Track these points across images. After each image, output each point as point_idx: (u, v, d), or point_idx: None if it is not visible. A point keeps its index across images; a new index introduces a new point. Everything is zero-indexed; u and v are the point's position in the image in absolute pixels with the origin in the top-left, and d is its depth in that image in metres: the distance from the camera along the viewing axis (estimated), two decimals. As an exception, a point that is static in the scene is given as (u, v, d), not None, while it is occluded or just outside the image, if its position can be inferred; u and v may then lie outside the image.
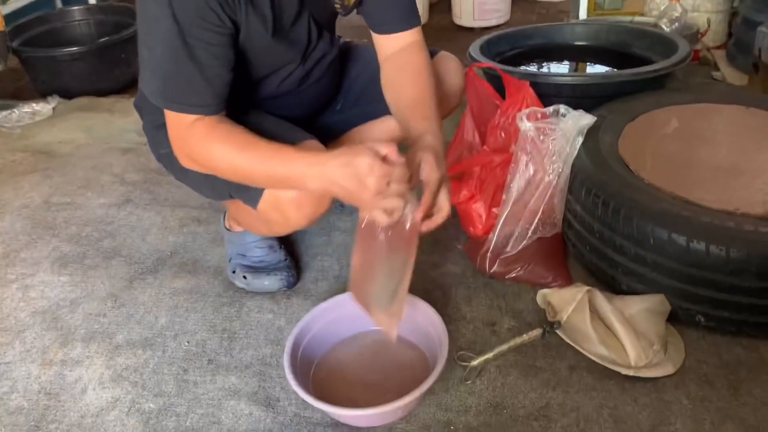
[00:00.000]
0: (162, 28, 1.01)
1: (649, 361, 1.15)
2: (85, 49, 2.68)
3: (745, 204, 1.21)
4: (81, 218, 1.80)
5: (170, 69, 1.05)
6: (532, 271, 1.40)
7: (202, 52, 1.04)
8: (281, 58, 1.22)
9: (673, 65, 1.70)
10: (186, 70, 1.04)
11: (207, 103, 1.08)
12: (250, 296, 1.43)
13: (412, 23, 1.26)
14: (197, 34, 1.02)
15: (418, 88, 1.22)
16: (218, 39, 1.05)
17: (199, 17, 1.01)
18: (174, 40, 1.02)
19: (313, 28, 1.23)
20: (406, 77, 1.24)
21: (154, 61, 1.06)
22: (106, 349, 1.33)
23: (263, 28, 1.11)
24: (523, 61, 2.09)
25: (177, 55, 1.03)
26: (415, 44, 1.27)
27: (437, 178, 1.06)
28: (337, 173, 0.99)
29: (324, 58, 1.30)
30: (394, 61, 1.27)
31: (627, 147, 1.41)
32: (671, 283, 1.21)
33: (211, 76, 1.06)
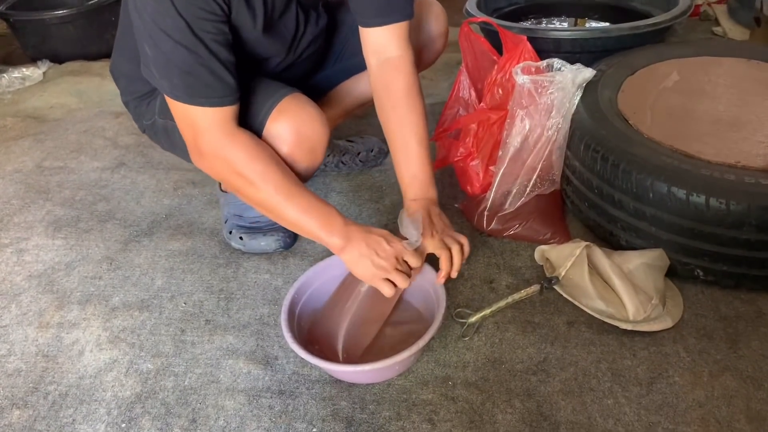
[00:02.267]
0: (168, 24, 0.98)
1: (647, 315, 1.15)
2: (75, 11, 2.63)
3: (746, 157, 1.20)
4: (74, 182, 1.78)
5: (189, 63, 1.01)
6: (530, 228, 1.39)
7: (213, 43, 1.01)
8: (268, 50, 1.19)
9: (672, 18, 1.66)
10: (206, 63, 1.01)
11: (231, 93, 1.06)
12: (247, 257, 1.43)
13: (387, 20, 1.19)
14: (202, 26, 1.00)
15: (399, 129, 1.22)
16: (221, 27, 1.03)
17: (201, 9, 0.99)
18: (185, 35, 0.98)
19: (300, 16, 1.20)
20: (389, 115, 1.23)
21: (163, 59, 1.01)
22: (103, 312, 1.32)
23: (251, 22, 1.08)
24: (520, 17, 2.05)
25: (193, 49, 1.00)
26: (395, 64, 1.21)
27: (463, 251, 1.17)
28: (361, 235, 1.08)
29: (314, 41, 1.28)
30: (375, 81, 1.24)
31: (626, 101, 1.39)
32: (670, 238, 1.20)
33: (227, 64, 1.04)
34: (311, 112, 1.16)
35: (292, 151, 1.14)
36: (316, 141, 1.16)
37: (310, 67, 1.38)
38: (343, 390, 1.11)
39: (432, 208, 1.20)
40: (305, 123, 1.14)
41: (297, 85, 1.24)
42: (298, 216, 1.09)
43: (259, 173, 1.07)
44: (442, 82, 2.13)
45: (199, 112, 1.05)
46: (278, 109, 1.13)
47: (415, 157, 1.22)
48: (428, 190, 1.22)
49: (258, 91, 1.17)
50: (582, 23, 2.10)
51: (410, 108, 1.22)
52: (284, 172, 1.10)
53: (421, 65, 1.50)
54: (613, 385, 1.07)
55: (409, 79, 1.22)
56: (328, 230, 1.09)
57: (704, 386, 1.05)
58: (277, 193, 1.08)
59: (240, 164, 1.07)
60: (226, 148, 1.07)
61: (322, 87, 1.47)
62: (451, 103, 1.62)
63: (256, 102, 1.15)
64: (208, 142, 1.07)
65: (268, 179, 1.08)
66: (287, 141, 1.13)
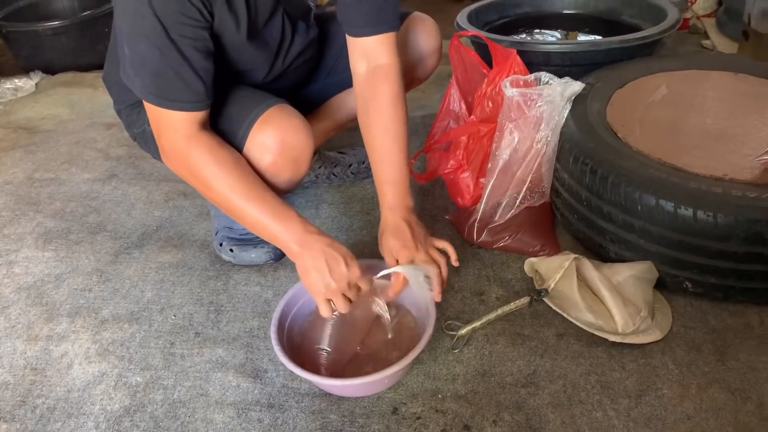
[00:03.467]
0: (146, 25, 0.98)
1: (636, 327, 1.15)
2: (68, 23, 2.63)
3: (733, 170, 1.20)
4: (65, 194, 1.78)
5: (159, 66, 1.02)
6: (519, 240, 1.40)
7: (188, 48, 1.02)
8: (253, 59, 1.19)
9: (661, 32, 1.68)
10: (176, 67, 1.02)
11: (200, 99, 1.06)
12: (237, 269, 1.42)
13: (377, 30, 1.20)
14: (181, 30, 1.00)
15: (383, 137, 1.22)
16: (201, 33, 1.03)
17: (181, 13, 0.99)
18: (160, 38, 0.99)
19: (287, 25, 1.20)
20: (373, 121, 1.23)
21: (138, 59, 1.02)
22: (92, 324, 1.32)
23: (234, 26, 1.09)
24: (512, 30, 2.07)
25: (165, 52, 1.00)
26: (385, 71, 1.22)
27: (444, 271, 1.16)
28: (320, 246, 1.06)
29: (303, 53, 1.28)
30: (362, 88, 1.24)
31: (615, 114, 1.40)
32: (659, 250, 1.20)
33: (199, 70, 1.04)
34: (296, 123, 1.16)
35: (275, 161, 1.14)
36: (300, 151, 1.16)
37: (300, 80, 1.38)
38: (332, 403, 1.10)
39: (411, 217, 1.20)
40: (289, 133, 1.14)
41: (287, 97, 1.24)
42: (257, 217, 1.08)
43: (218, 174, 1.07)
44: (434, 94, 2.14)
45: (164, 112, 1.06)
46: (263, 118, 1.13)
47: (398, 164, 1.21)
48: (407, 198, 1.21)
49: (244, 100, 1.17)
50: (573, 36, 2.12)
51: (396, 116, 1.22)
52: (245, 173, 1.09)
53: (415, 81, 1.51)
54: (602, 398, 1.07)
55: (397, 87, 1.23)
56: (286, 234, 1.07)
57: (693, 398, 1.05)
58: (236, 194, 1.07)
59: (199, 164, 1.07)
60: (186, 148, 1.07)
61: (315, 100, 1.47)
62: (441, 116, 1.63)
63: (241, 111, 1.15)
64: (169, 141, 1.08)
65: (228, 180, 1.07)
66: (271, 150, 1.13)
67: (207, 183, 1.08)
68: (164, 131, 1.08)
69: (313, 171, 1.67)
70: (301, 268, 1.08)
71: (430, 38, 1.43)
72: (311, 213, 1.59)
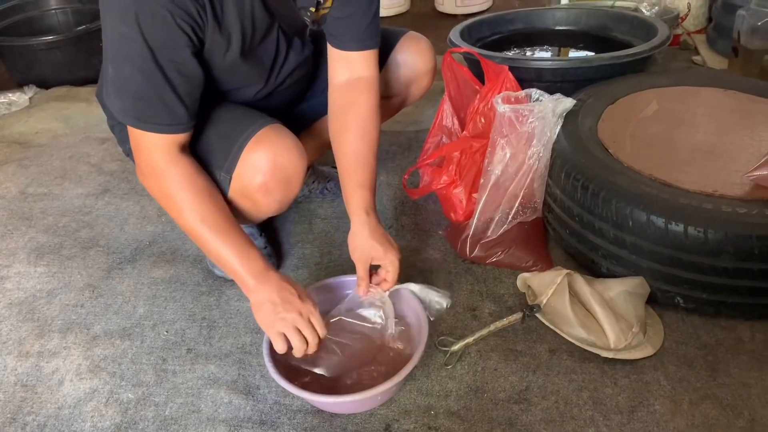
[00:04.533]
0: (132, 48, 0.98)
1: (628, 343, 1.16)
2: (62, 37, 2.64)
3: (723, 185, 1.21)
4: (58, 209, 1.78)
5: (142, 90, 1.02)
6: (512, 255, 1.40)
7: (173, 72, 1.02)
8: (247, 76, 1.20)
9: (652, 48, 1.69)
10: (159, 92, 1.02)
11: (181, 122, 1.07)
12: (230, 285, 1.42)
13: (364, 45, 1.23)
14: (167, 54, 1.00)
15: (360, 143, 1.23)
16: (187, 58, 1.03)
17: (169, 37, 0.99)
18: (146, 62, 0.99)
19: (282, 41, 1.21)
20: (351, 125, 1.24)
21: (122, 80, 1.03)
22: (84, 340, 1.31)
23: (226, 47, 1.09)
24: (504, 46, 2.08)
25: (149, 76, 1.00)
26: (367, 82, 1.25)
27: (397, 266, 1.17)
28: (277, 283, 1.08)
29: (297, 69, 1.29)
30: (342, 95, 1.26)
31: (606, 130, 1.41)
32: (650, 266, 1.21)
33: (182, 95, 1.05)
34: (289, 143, 1.16)
35: (267, 181, 1.14)
36: (293, 172, 1.17)
37: (294, 97, 1.39)
38: (324, 420, 1.10)
39: (378, 221, 1.20)
40: (281, 153, 1.15)
41: (281, 115, 1.25)
42: (221, 250, 1.09)
43: (189, 201, 1.08)
44: (427, 109, 2.15)
45: (143, 133, 1.06)
46: (256, 138, 1.14)
47: (372, 169, 1.22)
48: (373, 201, 1.22)
49: (237, 119, 1.18)
50: (565, 53, 2.13)
51: (373, 125, 1.24)
52: (216, 204, 1.10)
53: (409, 99, 1.53)
54: (595, 414, 1.07)
55: (377, 99, 1.26)
56: (245, 269, 1.08)
57: (684, 414, 1.05)
58: (204, 224, 1.08)
59: (173, 189, 1.08)
60: (162, 170, 1.08)
61: (309, 117, 1.48)
62: (434, 131, 1.64)
63: (234, 130, 1.15)
64: (146, 162, 1.09)
65: (199, 209, 1.08)
66: (263, 170, 1.14)
67: (178, 208, 1.09)
68: (143, 151, 1.08)
69: (307, 186, 1.67)
70: (255, 303, 1.09)
71: (424, 58, 1.45)
72: (304, 228, 1.60)
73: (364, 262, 1.18)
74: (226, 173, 1.15)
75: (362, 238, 1.18)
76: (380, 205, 1.67)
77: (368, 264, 1.18)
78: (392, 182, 1.76)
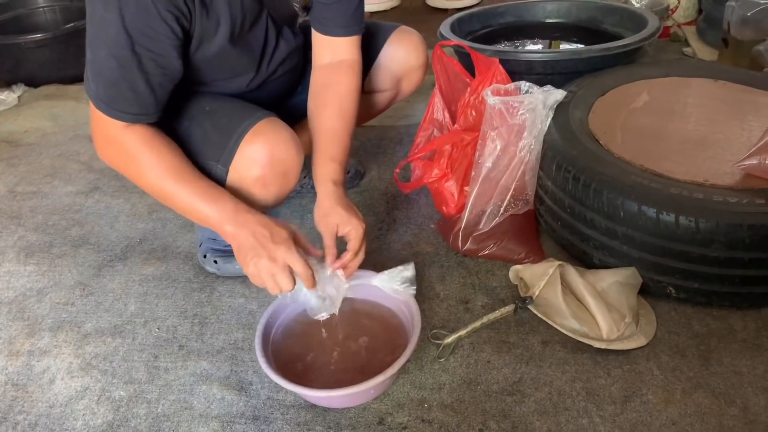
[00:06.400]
0: (110, 33, 0.97)
1: (621, 333, 1.16)
2: (51, 35, 2.62)
3: (714, 175, 1.21)
4: (47, 207, 1.77)
5: (115, 76, 1.01)
6: (504, 247, 1.40)
7: (149, 62, 1.01)
8: (238, 65, 1.20)
9: (642, 40, 1.69)
10: (131, 80, 1.02)
11: (148, 112, 1.07)
12: (221, 281, 1.42)
13: (349, 31, 1.25)
14: (146, 43, 0.99)
15: (337, 120, 1.24)
16: (167, 50, 1.02)
17: (150, 27, 0.98)
18: (122, 49, 0.98)
19: (271, 29, 1.21)
20: (330, 102, 1.25)
21: (97, 65, 1.02)
22: (75, 338, 1.30)
23: (214, 32, 1.08)
24: (495, 40, 2.08)
25: (123, 63, 1.00)
26: (349, 64, 1.27)
27: (361, 232, 1.14)
28: (252, 226, 1.04)
29: (288, 59, 1.29)
30: (324, 75, 1.27)
31: (597, 122, 1.41)
32: (642, 256, 1.21)
33: (155, 85, 1.04)
34: (286, 136, 1.16)
35: (264, 174, 1.14)
36: (290, 165, 1.16)
37: (286, 89, 1.38)
38: (318, 415, 1.10)
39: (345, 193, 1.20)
40: (279, 146, 1.14)
41: (274, 108, 1.24)
42: (189, 201, 1.08)
43: (149, 157, 1.07)
44: (418, 103, 2.15)
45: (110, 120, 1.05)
46: (253, 131, 1.13)
47: (346, 146, 1.23)
48: (344, 175, 1.22)
49: (234, 112, 1.17)
50: (556, 45, 2.13)
51: (352, 105, 1.26)
52: (177, 157, 1.09)
53: (400, 94, 1.53)
54: (588, 404, 1.07)
55: (358, 81, 1.27)
56: (218, 215, 1.07)
57: (677, 404, 1.05)
58: (168, 178, 1.07)
59: (133, 149, 1.07)
60: (121, 135, 1.07)
61: (302, 111, 1.47)
62: (425, 125, 1.63)
63: (231, 123, 1.15)
64: (104, 135, 1.08)
65: (160, 165, 1.07)
66: (260, 163, 1.13)
67: (140, 169, 1.08)
68: (102, 126, 1.08)
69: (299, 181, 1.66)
70: (234, 249, 1.07)
71: (416, 53, 1.46)
72: (296, 223, 1.59)
73: (330, 230, 1.15)
74: (222, 166, 1.14)
75: (327, 205, 1.16)
76: (372, 199, 1.67)
77: (334, 232, 1.15)
78: (384, 176, 1.76)
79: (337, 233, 1.15)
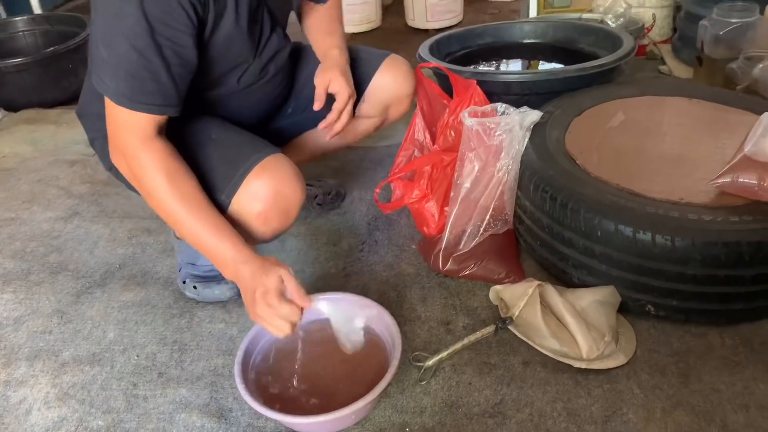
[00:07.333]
0: (128, 24, 0.98)
1: (600, 352, 1.16)
2: (31, 59, 2.60)
3: (689, 193, 1.23)
4: (26, 233, 1.75)
5: (136, 68, 1.02)
6: (485, 267, 1.40)
7: (170, 51, 1.03)
8: (240, 52, 1.21)
9: (617, 60, 1.72)
10: (153, 70, 1.02)
11: (172, 103, 1.07)
12: (201, 306, 1.41)
13: None
14: (165, 32, 1.01)
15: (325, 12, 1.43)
16: (185, 39, 1.04)
17: (169, 15, 1.00)
18: (142, 38, 0.99)
19: (266, 20, 1.23)
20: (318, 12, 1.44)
21: (115, 59, 1.02)
22: (52, 367, 1.28)
23: (224, 19, 1.10)
24: (474, 60, 2.10)
25: (145, 53, 1.01)
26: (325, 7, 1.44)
27: (347, 94, 1.32)
28: (246, 277, 1.05)
29: (278, 54, 1.30)
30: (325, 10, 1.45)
31: (573, 141, 1.42)
32: (620, 274, 1.22)
33: (176, 75, 1.05)
34: (292, 174, 1.17)
35: (266, 210, 1.14)
36: (293, 202, 1.17)
37: (271, 102, 1.39)
38: (298, 441, 1.09)
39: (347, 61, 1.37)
40: (285, 183, 1.16)
41: (260, 128, 1.29)
42: (197, 232, 1.08)
43: (164, 180, 1.06)
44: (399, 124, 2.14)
45: (126, 112, 1.05)
46: (261, 165, 1.14)
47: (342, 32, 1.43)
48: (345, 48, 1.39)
49: (242, 145, 1.19)
50: (535, 65, 2.16)
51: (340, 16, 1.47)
52: (191, 184, 1.09)
53: (387, 121, 1.56)
54: (569, 425, 1.07)
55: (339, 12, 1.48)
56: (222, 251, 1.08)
57: (657, 422, 1.05)
58: (180, 203, 1.07)
59: (148, 167, 1.07)
60: (139, 150, 1.07)
61: (288, 133, 1.50)
62: (406, 145, 1.65)
63: (238, 156, 1.16)
64: (123, 140, 1.08)
65: (173, 189, 1.07)
66: (263, 199, 1.14)
67: (153, 189, 1.08)
68: (121, 130, 1.07)
69: None
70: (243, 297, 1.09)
71: (405, 83, 1.48)
72: (276, 245, 1.58)
73: (323, 84, 1.32)
74: (226, 197, 1.15)
75: (328, 66, 1.34)
76: (353, 220, 1.67)
77: (326, 86, 1.32)
78: (364, 197, 1.76)
79: (328, 89, 1.32)
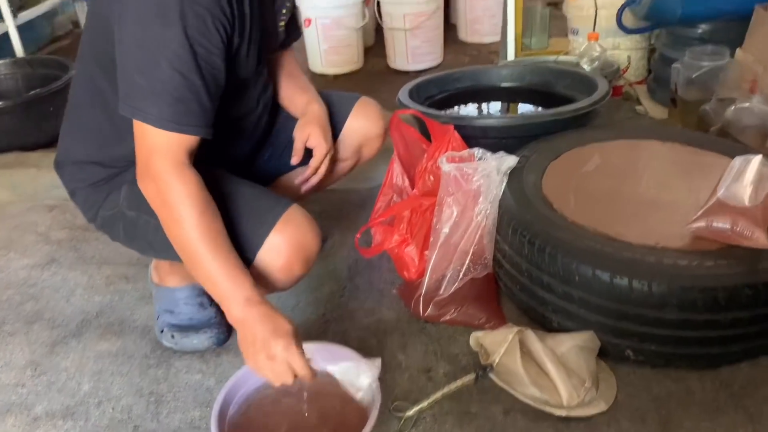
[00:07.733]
0: (171, 48, 1.01)
1: (581, 399, 1.15)
2: (12, 103, 2.60)
3: (665, 238, 1.24)
4: (2, 281, 1.72)
5: (180, 92, 1.04)
6: (465, 312, 1.40)
7: (207, 73, 1.06)
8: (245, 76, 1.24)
9: (591, 104, 1.74)
10: (197, 91, 1.05)
11: (209, 124, 1.10)
12: (179, 356, 1.38)
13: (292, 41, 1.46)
14: (204, 55, 1.04)
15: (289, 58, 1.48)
16: (218, 61, 1.08)
17: (206, 38, 1.03)
18: (186, 62, 1.02)
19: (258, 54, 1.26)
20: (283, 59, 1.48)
21: (159, 85, 1.03)
22: (24, 422, 1.25)
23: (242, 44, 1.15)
24: (452, 104, 2.12)
25: (189, 76, 1.03)
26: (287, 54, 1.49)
27: (324, 151, 1.38)
28: (256, 326, 1.05)
29: (267, 89, 1.36)
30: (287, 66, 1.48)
31: (550, 186, 1.43)
32: (599, 319, 1.22)
33: (213, 97, 1.09)
34: (312, 225, 1.21)
35: (290, 261, 1.17)
36: (312, 252, 1.20)
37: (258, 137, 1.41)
38: (276, 497, 1.06)
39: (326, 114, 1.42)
40: (307, 235, 1.19)
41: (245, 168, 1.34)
42: (214, 272, 1.07)
43: (191, 213, 1.06)
44: (380, 165, 2.15)
45: (163, 135, 1.05)
46: (285, 218, 1.17)
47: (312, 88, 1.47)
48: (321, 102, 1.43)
49: (258, 198, 1.21)
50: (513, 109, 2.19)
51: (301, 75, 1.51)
52: (217, 222, 1.09)
53: (361, 161, 1.58)
54: (551, 476, 1.05)
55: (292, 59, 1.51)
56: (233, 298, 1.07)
57: (639, 471, 1.05)
58: (203, 240, 1.06)
59: (176, 197, 1.06)
60: (171, 174, 1.06)
61: (271, 174, 1.52)
62: (385, 190, 1.65)
63: (258, 210, 1.18)
64: (155, 165, 1.07)
65: (199, 224, 1.06)
66: (287, 253, 1.16)
67: (177, 221, 1.07)
68: (154, 156, 1.06)
69: None
70: (239, 333, 1.09)
71: (375, 124, 1.52)
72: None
73: (302, 138, 1.38)
74: (251, 254, 1.16)
75: (307, 121, 1.38)
76: (333, 264, 1.67)
77: (304, 141, 1.37)
78: (345, 241, 1.76)
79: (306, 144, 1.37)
